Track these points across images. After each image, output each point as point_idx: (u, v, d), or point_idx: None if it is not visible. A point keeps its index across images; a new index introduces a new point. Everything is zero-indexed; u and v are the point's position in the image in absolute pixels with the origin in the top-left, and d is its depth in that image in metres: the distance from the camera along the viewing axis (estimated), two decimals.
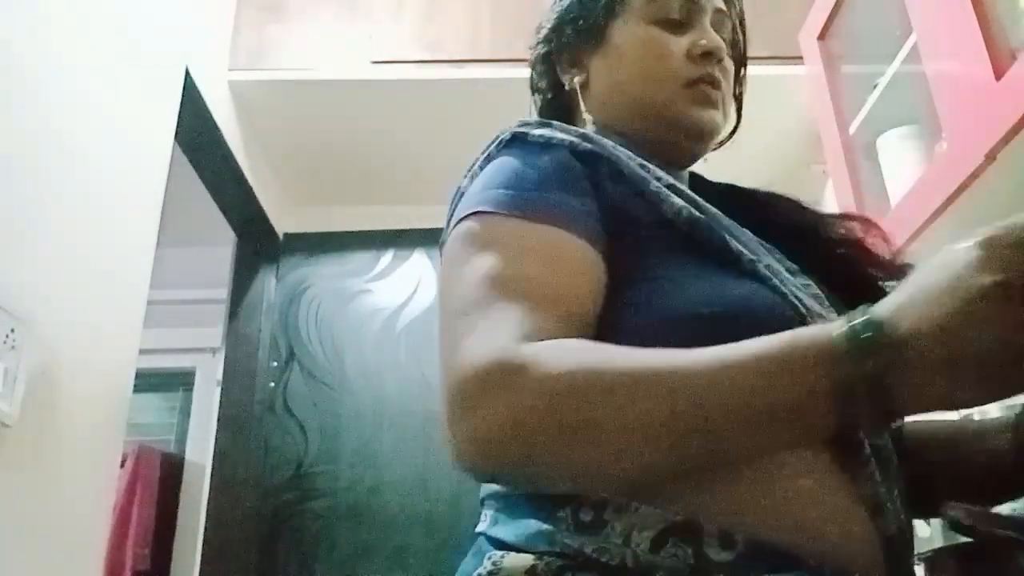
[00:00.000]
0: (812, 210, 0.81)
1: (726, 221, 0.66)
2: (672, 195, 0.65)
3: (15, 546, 1.19)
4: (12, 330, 1.16)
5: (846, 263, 0.75)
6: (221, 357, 2.52)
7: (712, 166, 1.01)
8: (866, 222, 0.79)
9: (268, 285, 2.53)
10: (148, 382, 3.11)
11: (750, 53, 0.97)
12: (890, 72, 1.58)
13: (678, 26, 0.79)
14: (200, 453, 3.01)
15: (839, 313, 0.63)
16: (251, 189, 2.31)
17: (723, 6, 0.83)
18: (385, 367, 2.42)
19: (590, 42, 0.82)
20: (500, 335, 0.53)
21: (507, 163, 0.68)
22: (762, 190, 0.84)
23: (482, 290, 0.57)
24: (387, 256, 2.61)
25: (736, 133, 0.93)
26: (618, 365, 0.50)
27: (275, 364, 2.44)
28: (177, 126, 1.80)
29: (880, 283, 0.75)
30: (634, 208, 0.65)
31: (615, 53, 0.81)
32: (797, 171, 2.45)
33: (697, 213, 0.64)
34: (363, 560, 2.21)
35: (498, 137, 0.73)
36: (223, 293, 2.65)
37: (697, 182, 0.86)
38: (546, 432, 0.50)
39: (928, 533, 1.27)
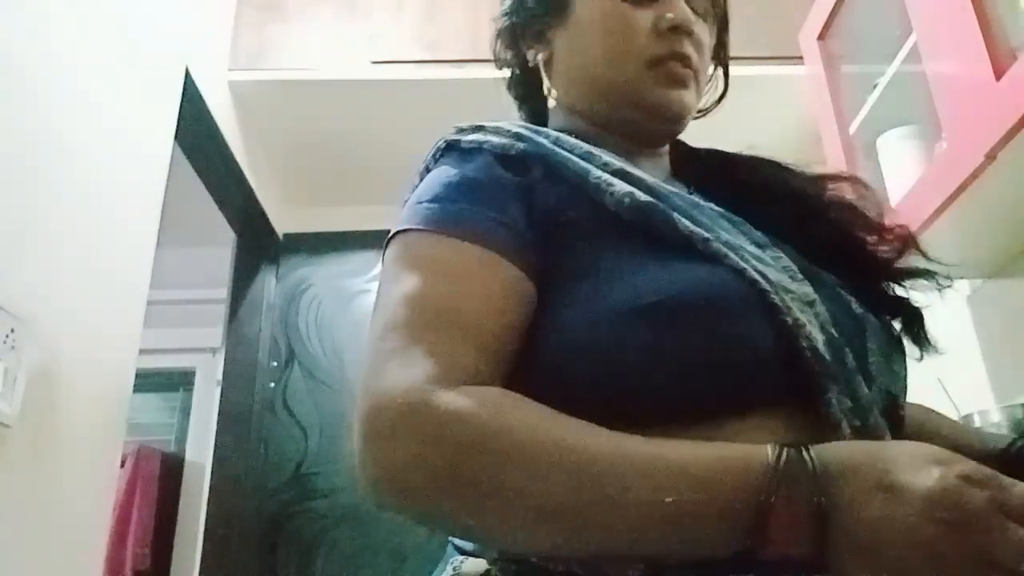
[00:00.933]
0: (799, 171, 0.78)
1: (679, 200, 0.63)
2: (617, 182, 0.62)
3: (15, 546, 1.19)
4: (12, 330, 1.16)
5: (834, 226, 0.72)
6: (221, 357, 2.52)
7: None
8: (856, 182, 0.76)
9: (268, 285, 2.53)
10: (148, 382, 3.11)
11: (750, 53, 0.94)
12: (890, 72, 1.58)
13: None
14: (200, 453, 3.02)
15: (815, 285, 0.61)
16: (251, 189, 2.31)
17: None
18: None
19: (553, 15, 0.79)
20: (420, 370, 0.52)
21: (439, 175, 0.66)
22: (745, 154, 0.80)
23: (405, 313, 0.56)
24: None
25: (724, 100, 0.88)
26: (531, 435, 0.48)
27: (275, 364, 2.44)
28: (177, 126, 1.80)
29: (869, 246, 0.72)
30: (573, 206, 0.62)
31: (578, 28, 0.77)
32: None
33: (643, 197, 0.60)
34: (363, 560, 2.21)
35: (435, 145, 0.71)
36: (223, 293, 2.64)
37: (681, 151, 0.82)
38: (422, 488, 0.49)
39: None
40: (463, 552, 0.59)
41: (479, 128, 0.69)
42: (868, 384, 0.58)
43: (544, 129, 0.70)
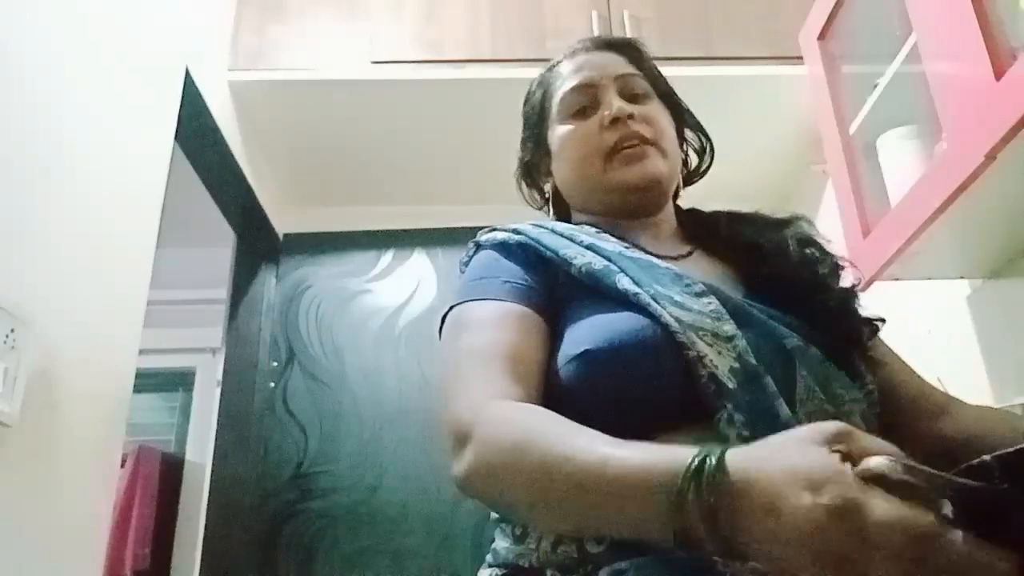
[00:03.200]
0: (764, 221, 0.94)
1: (633, 264, 0.79)
2: (582, 253, 0.81)
3: (15, 546, 1.19)
4: (12, 330, 1.16)
5: (785, 270, 0.86)
6: (221, 357, 2.51)
7: (713, 168, 1.02)
8: (807, 222, 0.93)
9: (268, 285, 2.53)
10: (148, 382, 3.12)
11: (749, 53, 1.04)
12: (890, 72, 1.58)
13: (587, 112, 0.93)
14: (200, 453, 3.02)
15: (743, 324, 0.73)
16: (251, 189, 2.31)
17: (623, 70, 0.96)
18: (385, 367, 2.42)
19: (543, 154, 1.00)
20: (470, 400, 0.70)
21: (472, 264, 0.89)
22: (740, 212, 0.97)
23: (462, 359, 0.76)
24: (387, 256, 2.61)
25: (712, 153, 1.03)
26: (534, 448, 0.61)
27: (275, 364, 2.44)
28: (177, 126, 1.80)
29: (819, 281, 0.86)
30: (554, 275, 0.82)
31: (555, 155, 0.97)
32: (797, 171, 2.45)
33: (597, 265, 0.79)
34: (363, 560, 2.21)
35: (468, 247, 0.92)
36: (223, 293, 2.64)
37: (690, 217, 0.99)
38: (479, 486, 0.67)
39: None
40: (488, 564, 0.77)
41: (493, 229, 0.90)
42: (792, 406, 0.70)
43: (547, 221, 0.91)
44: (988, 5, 1.22)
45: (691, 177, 1.04)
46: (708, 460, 0.51)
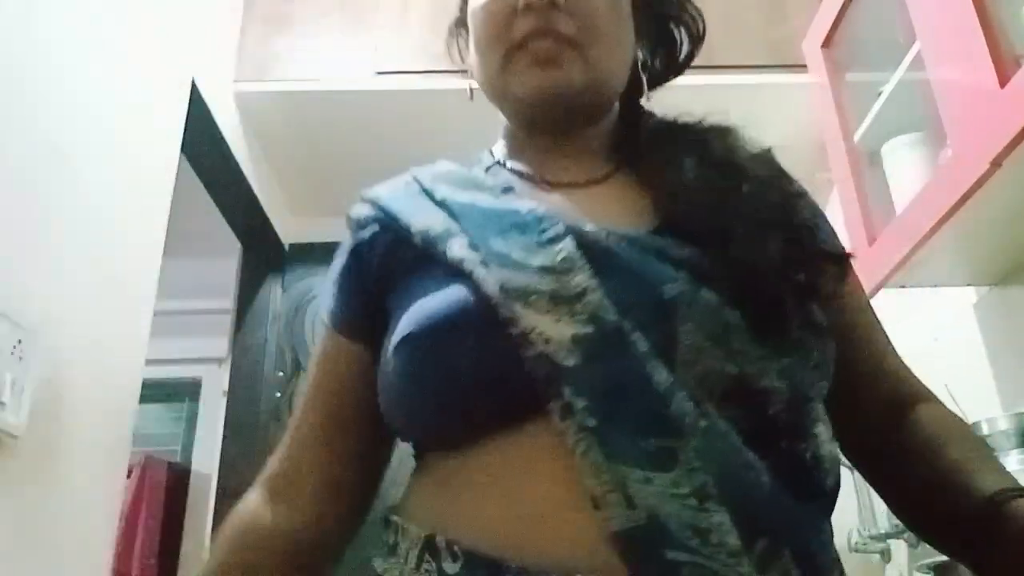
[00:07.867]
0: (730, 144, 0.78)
1: (475, 216, 0.65)
2: (428, 216, 0.67)
3: (23, 556, 1.19)
4: (19, 341, 1.16)
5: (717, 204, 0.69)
6: (227, 367, 2.52)
7: None
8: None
9: (274, 295, 2.54)
10: (155, 392, 3.11)
11: (753, 61, 0.94)
12: (894, 80, 1.58)
13: None
14: (206, 463, 3.01)
15: (605, 271, 0.58)
16: (256, 200, 2.32)
17: None
18: None
19: (464, 22, 0.81)
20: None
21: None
22: (670, 121, 0.78)
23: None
24: None
25: (684, 60, 0.85)
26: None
27: (281, 374, 2.45)
28: (183, 137, 1.81)
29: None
30: (398, 250, 0.69)
31: (470, 30, 0.77)
32: (801, 179, 2.44)
33: (433, 231, 0.65)
34: (365, 566, 2.20)
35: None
36: (229, 303, 2.65)
37: (643, 127, 0.78)
38: None
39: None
40: None
41: (362, 199, 0.78)
42: (673, 367, 0.55)
43: (425, 168, 0.78)
44: (992, 13, 1.22)
45: (664, 77, 0.84)
46: None
